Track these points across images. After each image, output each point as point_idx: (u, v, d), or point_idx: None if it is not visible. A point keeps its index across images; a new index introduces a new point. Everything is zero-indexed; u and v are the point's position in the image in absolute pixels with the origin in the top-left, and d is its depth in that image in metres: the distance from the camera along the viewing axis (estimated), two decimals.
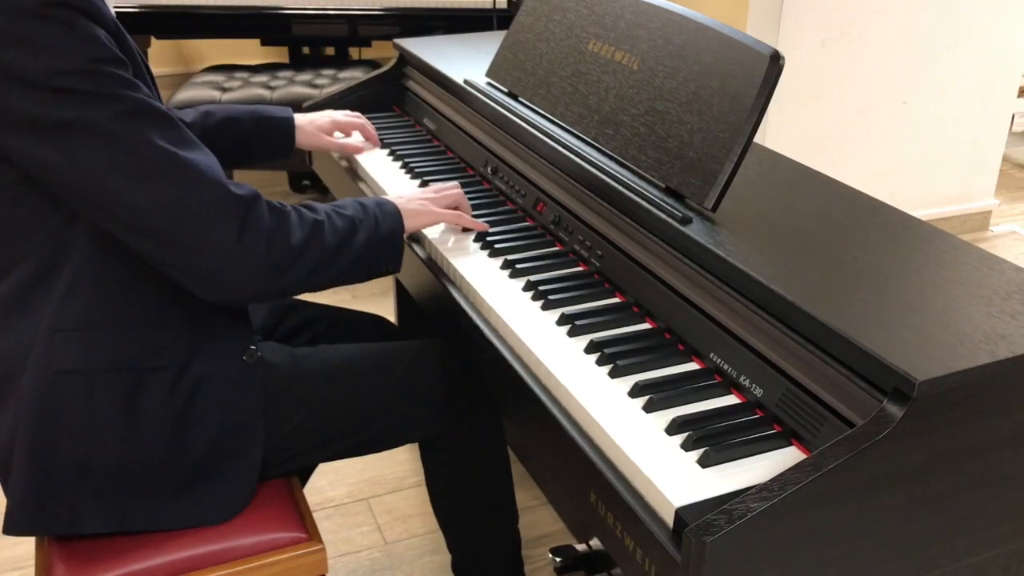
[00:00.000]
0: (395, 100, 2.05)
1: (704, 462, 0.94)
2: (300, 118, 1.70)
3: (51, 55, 1.02)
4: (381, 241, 1.28)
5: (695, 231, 1.15)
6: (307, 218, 1.20)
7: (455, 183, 1.46)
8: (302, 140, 1.70)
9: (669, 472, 0.93)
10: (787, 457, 0.95)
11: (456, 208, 1.44)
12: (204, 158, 1.11)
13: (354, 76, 3.20)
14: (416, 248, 1.47)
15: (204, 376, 1.22)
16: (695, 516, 0.85)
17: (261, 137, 1.64)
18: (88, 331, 1.16)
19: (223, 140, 1.60)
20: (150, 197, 1.07)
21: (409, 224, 1.35)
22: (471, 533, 1.58)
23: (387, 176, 1.69)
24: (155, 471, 1.20)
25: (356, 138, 1.82)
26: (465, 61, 1.87)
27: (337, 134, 1.79)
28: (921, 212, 3.28)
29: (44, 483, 1.17)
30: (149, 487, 1.20)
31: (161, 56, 4.10)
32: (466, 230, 1.45)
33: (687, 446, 0.97)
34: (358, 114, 1.82)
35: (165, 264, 1.13)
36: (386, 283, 3.02)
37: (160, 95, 1.20)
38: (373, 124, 1.87)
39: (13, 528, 1.20)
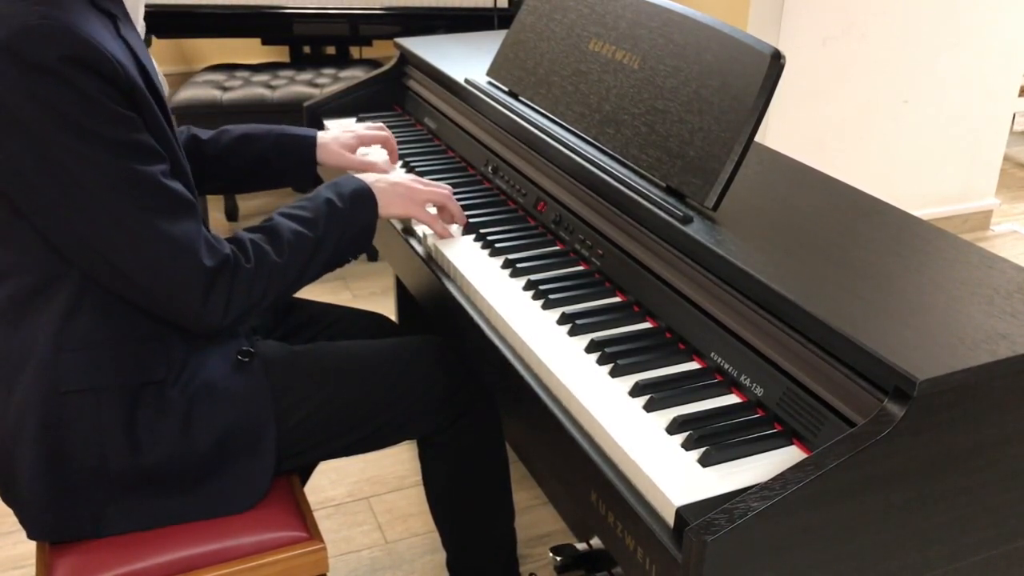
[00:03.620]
0: (396, 99, 2.05)
1: (705, 461, 0.94)
2: (323, 135, 1.62)
3: (55, 111, 1.04)
4: (346, 244, 1.31)
5: (696, 230, 1.15)
6: (267, 266, 1.21)
7: (447, 188, 1.46)
8: (325, 158, 1.61)
9: (670, 471, 0.93)
10: (788, 456, 0.95)
11: (443, 207, 1.43)
12: (183, 227, 1.14)
13: (355, 75, 3.21)
14: (416, 247, 1.47)
15: (202, 381, 1.24)
16: (696, 515, 0.85)
17: (281, 155, 1.59)
18: (92, 349, 1.17)
19: (238, 159, 1.57)
20: (127, 262, 1.12)
21: (385, 212, 1.36)
22: (467, 531, 1.58)
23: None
24: (170, 473, 1.22)
25: (377, 154, 1.73)
26: (466, 60, 1.87)
27: (362, 149, 1.71)
28: (922, 211, 3.28)
29: (62, 492, 1.19)
30: (166, 486, 1.22)
31: (162, 55, 4.10)
32: (467, 231, 1.45)
33: (688, 445, 0.97)
34: (382, 125, 1.72)
35: (137, 302, 1.19)
36: (387, 282, 3.03)
37: (174, 125, 1.22)
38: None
39: (36, 534, 1.22)
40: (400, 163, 1.74)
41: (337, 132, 1.66)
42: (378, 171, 1.64)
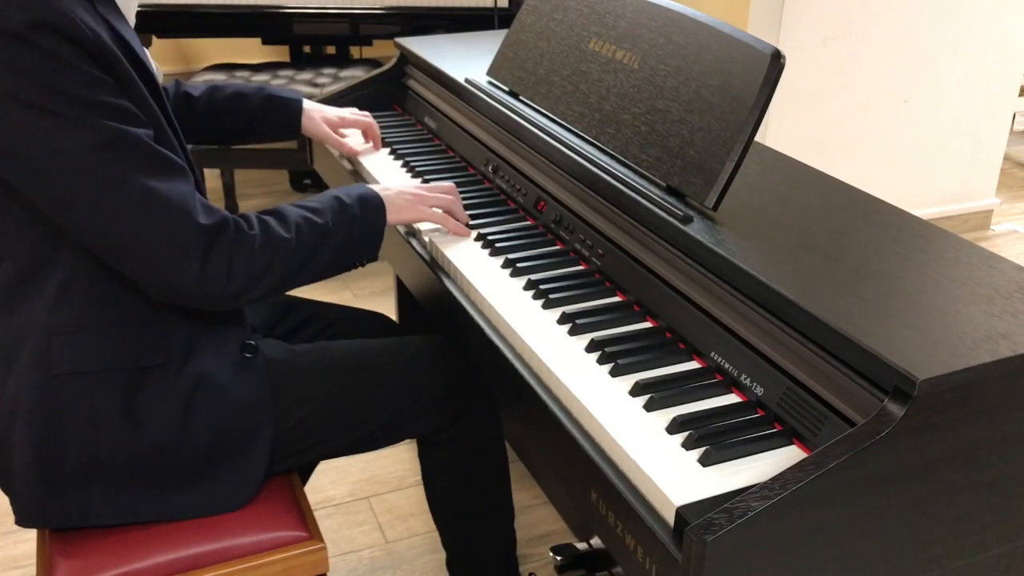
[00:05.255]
0: (396, 99, 2.05)
1: (705, 461, 0.94)
2: (310, 105, 1.70)
3: (28, 75, 1.03)
4: (355, 243, 1.29)
5: (696, 230, 1.15)
6: (273, 238, 1.19)
7: (452, 185, 1.46)
8: (307, 126, 1.69)
9: (670, 471, 0.93)
10: (788, 456, 0.95)
11: (448, 211, 1.44)
12: (175, 187, 1.12)
13: (355, 75, 3.21)
14: (417, 246, 1.47)
15: (204, 371, 1.23)
16: (696, 515, 0.85)
17: (267, 115, 1.65)
18: (85, 333, 1.17)
19: (228, 115, 1.62)
20: (120, 227, 1.09)
21: (393, 218, 1.36)
22: (466, 530, 1.58)
23: (388, 175, 1.69)
24: (163, 463, 1.21)
25: (357, 139, 1.81)
26: (466, 60, 1.87)
27: (346, 133, 1.78)
28: (922, 211, 3.28)
29: (53, 479, 1.19)
30: (158, 479, 1.22)
31: (162, 55, 4.11)
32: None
33: (688, 445, 0.97)
34: (367, 114, 1.78)
35: (134, 279, 1.16)
36: (387, 282, 3.03)
37: (165, 103, 1.20)
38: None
39: (25, 521, 1.22)
40: (400, 163, 1.74)
41: (324, 107, 1.73)
42: (349, 153, 1.75)
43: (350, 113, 1.76)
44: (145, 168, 1.10)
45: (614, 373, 1.09)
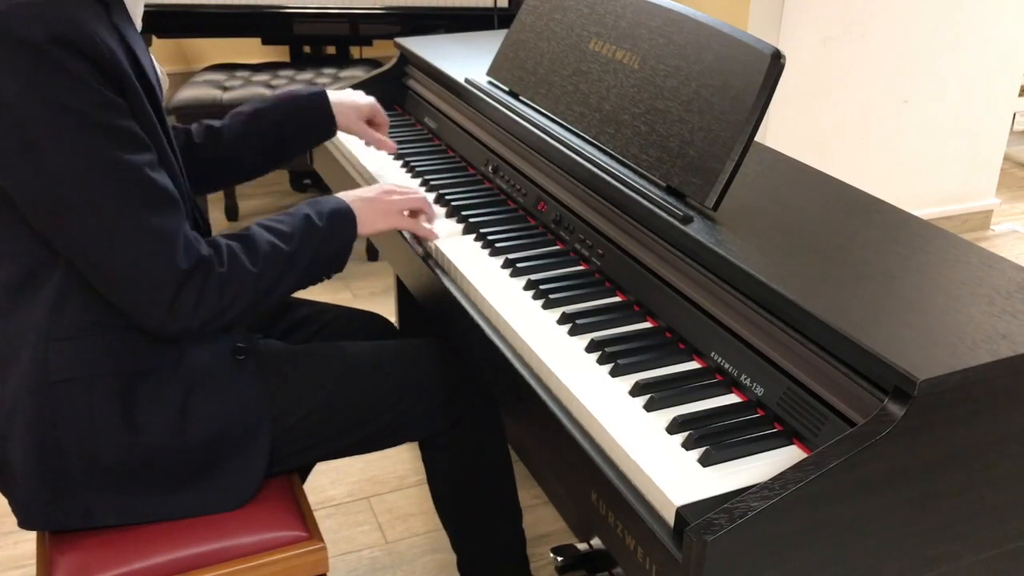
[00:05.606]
0: (396, 99, 2.05)
1: (705, 461, 0.94)
2: (336, 95, 1.59)
3: (41, 91, 1.03)
4: (321, 262, 1.29)
5: (696, 230, 1.15)
6: (240, 272, 1.19)
7: (421, 192, 1.44)
8: (342, 124, 1.60)
9: (670, 471, 0.93)
10: (788, 456, 0.95)
11: (420, 212, 1.43)
12: (164, 222, 1.12)
13: (355, 75, 3.21)
14: (416, 246, 1.47)
15: (197, 372, 1.23)
16: (696, 515, 0.85)
17: (297, 123, 1.57)
18: (81, 338, 1.17)
19: (254, 138, 1.55)
20: (102, 253, 1.10)
21: (364, 231, 1.35)
22: (474, 532, 1.57)
23: (388, 175, 1.69)
24: (162, 464, 1.22)
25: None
26: (466, 60, 1.87)
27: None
28: (922, 211, 3.28)
29: (54, 482, 1.19)
30: (157, 479, 1.22)
31: (162, 55, 4.10)
32: (467, 231, 1.45)
33: (688, 445, 0.97)
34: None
35: (107, 296, 1.16)
36: (387, 282, 3.03)
37: (165, 119, 1.21)
38: None
39: (28, 524, 1.22)
40: (400, 163, 1.74)
41: (354, 95, 1.63)
42: (389, 150, 1.66)
43: (379, 107, 1.68)
44: (138, 200, 1.10)
45: (614, 373, 1.09)
